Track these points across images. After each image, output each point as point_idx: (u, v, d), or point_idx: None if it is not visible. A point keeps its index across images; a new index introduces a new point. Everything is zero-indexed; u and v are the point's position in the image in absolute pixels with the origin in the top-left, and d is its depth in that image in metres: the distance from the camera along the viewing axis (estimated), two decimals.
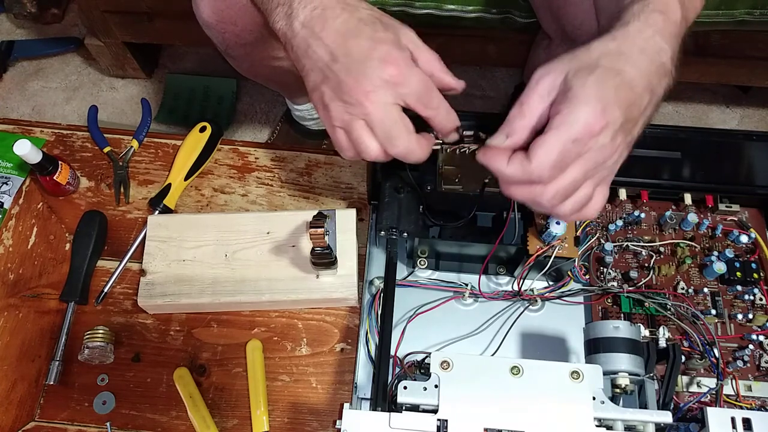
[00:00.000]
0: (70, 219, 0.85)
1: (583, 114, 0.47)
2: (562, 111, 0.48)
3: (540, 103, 0.49)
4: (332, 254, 0.73)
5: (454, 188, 0.69)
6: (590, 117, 0.48)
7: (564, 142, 0.48)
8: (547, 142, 0.48)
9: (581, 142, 0.48)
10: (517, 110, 0.50)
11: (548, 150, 0.48)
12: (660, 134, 0.71)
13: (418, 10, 0.91)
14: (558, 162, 0.49)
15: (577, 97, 0.48)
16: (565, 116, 0.48)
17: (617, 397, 0.63)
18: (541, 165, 0.49)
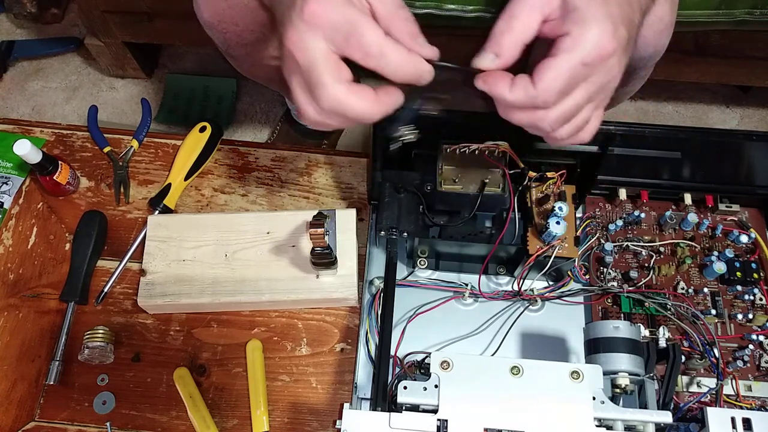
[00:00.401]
0: (70, 219, 0.85)
1: (595, 35, 0.45)
2: (573, 32, 0.45)
3: (531, 16, 0.46)
4: (332, 254, 0.73)
5: (454, 188, 0.69)
6: (603, 38, 0.45)
7: (575, 66, 0.46)
8: (557, 65, 0.45)
9: (592, 65, 0.46)
10: (505, 23, 0.46)
11: (557, 74, 0.46)
12: (660, 134, 0.70)
13: (418, 10, 0.91)
14: (565, 86, 0.46)
15: (587, 17, 0.45)
16: (577, 38, 0.45)
17: (617, 397, 0.63)
18: (548, 90, 0.46)
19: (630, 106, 1.42)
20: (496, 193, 0.70)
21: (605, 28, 0.45)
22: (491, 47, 0.47)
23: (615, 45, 0.46)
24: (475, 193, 0.69)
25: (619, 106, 1.38)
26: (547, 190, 0.72)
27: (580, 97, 0.47)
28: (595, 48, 0.45)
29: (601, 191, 0.82)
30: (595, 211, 0.82)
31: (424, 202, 0.72)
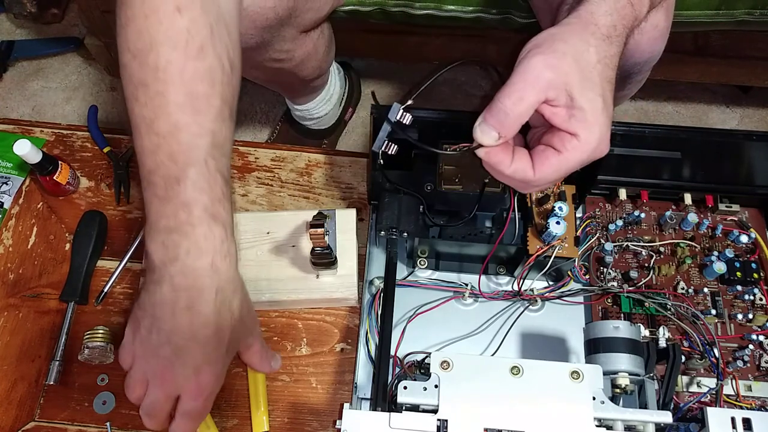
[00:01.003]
0: (70, 219, 0.85)
1: (597, 139, 0.49)
2: (580, 135, 0.49)
3: (536, 97, 0.48)
4: (332, 254, 0.73)
5: (454, 188, 0.69)
6: (603, 143, 0.49)
7: (574, 165, 0.50)
8: (559, 163, 0.49)
9: (587, 161, 0.50)
10: (512, 104, 0.48)
11: (557, 170, 0.50)
12: (660, 134, 0.70)
13: (418, 10, 0.91)
14: (559, 178, 0.51)
15: (592, 121, 0.48)
16: (583, 142, 0.49)
17: (617, 397, 0.63)
18: (543, 179, 0.50)
19: (630, 106, 1.42)
20: (496, 193, 0.70)
21: (606, 134, 0.50)
22: (495, 124, 0.49)
23: (608, 143, 0.50)
24: (475, 193, 0.69)
25: (619, 106, 1.38)
26: (547, 190, 0.72)
27: (566, 174, 0.52)
28: (596, 151, 0.50)
29: (601, 191, 0.82)
30: (595, 211, 0.82)
31: (424, 202, 0.72)
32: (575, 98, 0.48)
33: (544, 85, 0.48)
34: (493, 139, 0.50)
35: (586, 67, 0.49)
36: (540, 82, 0.48)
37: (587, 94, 0.48)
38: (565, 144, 0.49)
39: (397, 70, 1.40)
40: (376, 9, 0.91)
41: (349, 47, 1.07)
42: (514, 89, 0.48)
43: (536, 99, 0.48)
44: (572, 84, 0.48)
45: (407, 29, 1.06)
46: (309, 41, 0.86)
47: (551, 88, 0.48)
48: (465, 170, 0.70)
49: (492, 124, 0.49)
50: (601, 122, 0.49)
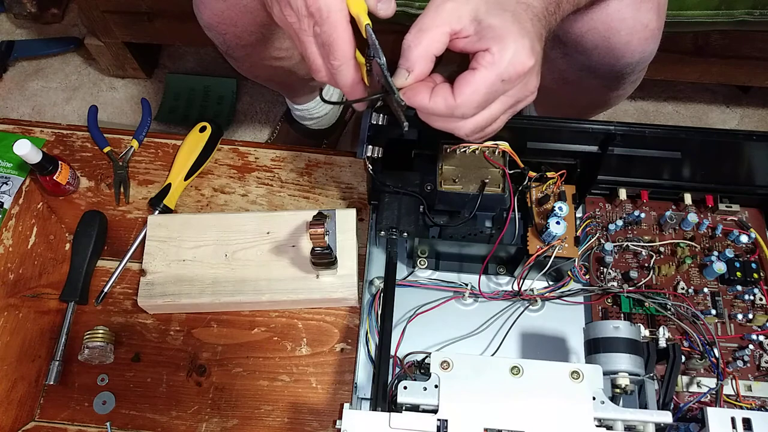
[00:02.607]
0: (70, 219, 0.85)
1: (513, 52, 0.46)
2: (492, 48, 0.46)
3: (439, 30, 0.47)
4: (332, 254, 0.73)
5: (454, 188, 0.69)
6: (522, 55, 0.47)
7: (493, 82, 0.47)
8: (476, 80, 0.47)
9: (510, 81, 0.47)
10: (414, 38, 0.48)
11: (476, 89, 0.47)
12: (660, 134, 0.70)
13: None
14: (484, 101, 0.48)
15: (505, 35, 0.46)
16: (496, 54, 0.46)
17: (617, 397, 0.63)
18: (466, 103, 0.48)
19: (630, 106, 1.42)
20: (496, 193, 0.69)
21: (524, 44, 0.47)
22: (403, 63, 0.48)
23: (533, 61, 0.47)
24: (475, 193, 0.69)
25: (619, 106, 1.38)
26: (547, 190, 0.72)
27: (496, 109, 0.49)
28: (515, 64, 0.47)
29: (601, 191, 0.82)
30: (595, 211, 0.82)
31: (424, 202, 0.72)
32: (482, 20, 0.47)
33: (446, 16, 0.47)
34: (403, 78, 0.49)
35: None
36: (441, 13, 0.47)
37: (495, 12, 0.47)
38: (480, 61, 0.47)
39: None
40: None
41: None
42: (416, 23, 0.48)
43: (439, 30, 0.47)
44: (478, 9, 0.47)
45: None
46: None
47: (454, 18, 0.47)
48: (465, 170, 0.70)
49: (400, 63, 0.48)
50: (514, 33, 0.47)
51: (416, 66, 0.48)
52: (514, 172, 0.70)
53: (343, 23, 0.48)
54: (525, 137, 0.71)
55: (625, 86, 0.86)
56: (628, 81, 0.84)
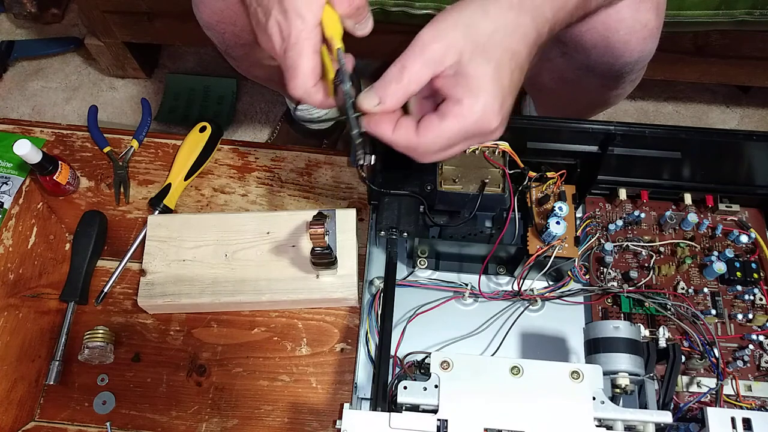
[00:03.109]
0: (70, 219, 0.85)
1: (482, 112, 0.47)
2: (462, 101, 0.47)
3: (423, 71, 0.47)
4: (332, 254, 0.73)
5: (454, 188, 0.69)
6: (489, 113, 0.47)
7: (456, 133, 0.48)
8: (441, 129, 0.48)
9: (473, 137, 0.48)
10: (397, 72, 0.48)
11: (439, 135, 0.48)
12: (660, 134, 0.70)
13: (418, 10, 0.91)
14: (444, 146, 0.49)
15: (477, 87, 0.47)
16: (465, 108, 0.47)
17: (617, 397, 0.63)
18: (427, 145, 0.49)
19: (630, 106, 1.42)
20: (496, 193, 0.69)
21: (494, 105, 0.47)
22: (378, 91, 0.49)
23: (499, 121, 0.48)
24: (475, 193, 0.69)
25: (619, 106, 1.38)
26: (547, 190, 0.72)
27: (456, 150, 0.50)
28: (480, 123, 0.47)
29: (601, 191, 0.82)
30: (595, 211, 0.82)
31: (424, 202, 0.72)
32: (463, 65, 0.47)
33: (429, 56, 0.47)
34: (372, 104, 0.49)
35: (479, 35, 0.47)
36: (426, 52, 0.47)
37: (477, 61, 0.47)
38: (448, 109, 0.48)
39: None
40: (376, 9, 0.91)
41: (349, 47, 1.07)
42: (400, 58, 0.48)
43: (421, 70, 0.47)
44: (463, 53, 0.47)
45: (407, 29, 1.06)
46: None
47: (438, 59, 0.47)
48: (465, 170, 0.70)
49: (375, 90, 0.49)
50: (489, 90, 0.47)
51: (390, 101, 0.49)
52: (514, 172, 0.70)
53: (307, 51, 0.50)
54: (525, 137, 0.71)
55: (625, 85, 0.86)
56: (628, 80, 0.84)
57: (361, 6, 0.51)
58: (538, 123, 0.71)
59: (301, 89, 0.51)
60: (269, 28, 0.51)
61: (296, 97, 0.52)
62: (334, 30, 0.51)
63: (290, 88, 0.51)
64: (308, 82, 0.51)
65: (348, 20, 0.52)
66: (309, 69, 0.50)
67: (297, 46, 0.50)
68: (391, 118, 0.50)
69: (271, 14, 0.50)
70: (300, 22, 0.49)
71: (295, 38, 0.50)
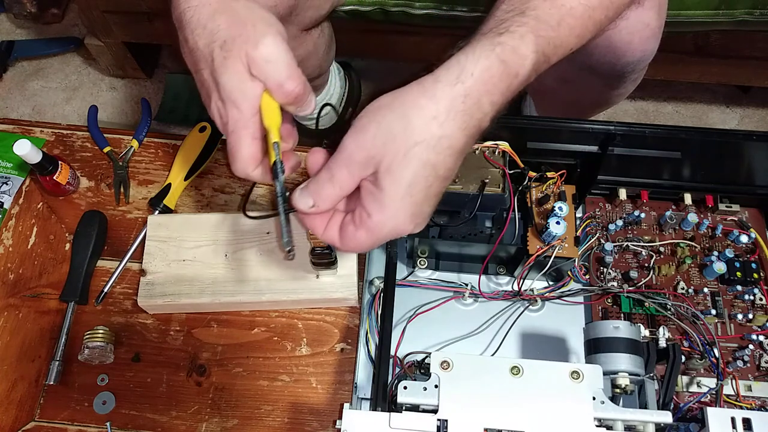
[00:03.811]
0: (70, 219, 0.85)
1: (391, 223, 0.49)
2: (372, 216, 0.49)
3: (350, 177, 0.49)
4: (332, 254, 0.73)
5: (454, 188, 0.69)
6: (400, 224, 0.50)
7: (372, 241, 0.51)
8: (356, 238, 0.51)
9: (387, 237, 0.51)
10: (327, 177, 0.50)
11: (357, 244, 0.51)
12: (660, 134, 0.70)
13: (418, 10, 0.91)
14: (368, 247, 0.52)
15: (387, 204, 0.48)
16: (375, 223, 0.49)
17: (617, 397, 0.63)
18: (348, 249, 0.53)
19: (630, 106, 1.42)
20: (496, 193, 0.70)
21: (403, 218, 0.49)
22: (312, 194, 0.51)
23: (412, 227, 0.50)
24: (475, 193, 0.69)
25: (619, 106, 1.38)
26: (547, 190, 0.72)
27: (377, 245, 0.52)
28: (391, 232, 0.50)
29: (601, 191, 0.82)
30: (595, 211, 0.82)
31: None
32: (379, 178, 0.48)
33: (354, 165, 0.49)
34: (307, 206, 0.51)
35: (401, 147, 0.47)
36: (351, 161, 0.49)
37: (393, 176, 0.48)
38: (362, 221, 0.50)
39: (397, 70, 1.40)
40: (376, 9, 0.91)
41: (349, 47, 1.07)
42: (329, 165, 0.50)
43: (349, 177, 0.49)
44: (380, 164, 0.48)
45: (407, 29, 1.06)
46: (309, 40, 0.86)
47: (362, 166, 0.49)
48: (465, 170, 0.70)
49: (310, 192, 0.51)
50: (397, 207, 0.48)
51: (323, 204, 0.51)
52: (514, 172, 0.70)
53: (245, 140, 0.51)
54: (525, 137, 0.71)
55: (626, 85, 0.86)
56: (629, 80, 0.84)
57: (299, 94, 0.52)
58: (538, 123, 0.71)
59: (241, 172, 0.53)
60: (211, 110, 0.52)
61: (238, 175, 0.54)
62: (272, 121, 0.52)
63: (233, 168, 0.53)
64: (248, 167, 0.53)
65: (290, 107, 0.53)
66: (247, 156, 0.52)
67: (234, 134, 0.51)
68: (324, 217, 0.53)
69: (212, 98, 0.51)
70: (236, 112, 0.50)
71: (233, 127, 0.51)
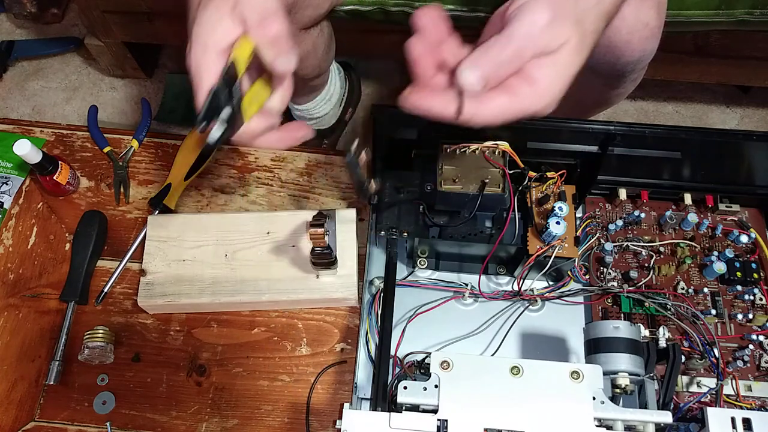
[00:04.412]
0: (70, 219, 0.85)
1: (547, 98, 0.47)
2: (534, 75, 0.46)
3: (529, 53, 0.46)
4: (332, 254, 0.73)
5: (454, 188, 0.69)
6: None
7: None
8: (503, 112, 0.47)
9: None
10: (503, 45, 0.46)
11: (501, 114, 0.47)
12: (660, 134, 0.70)
13: None
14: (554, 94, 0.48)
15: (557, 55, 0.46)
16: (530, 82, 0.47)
17: (617, 397, 0.63)
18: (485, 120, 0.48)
19: (630, 106, 1.42)
20: (496, 193, 0.70)
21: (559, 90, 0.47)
22: (483, 67, 0.46)
23: None
24: (475, 193, 0.69)
25: (619, 106, 1.38)
26: (547, 190, 0.72)
27: None
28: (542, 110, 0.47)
29: (601, 191, 0.82)
30: (595, 211, 0.82)
31: (424, 202, 0.72)
32: (559, 54, 0.46)
33: (540, 44, 0.46)
34: (476, 82, 0.46)
35: (584, 34, 0.47)
36: (537, 41, 0.46)
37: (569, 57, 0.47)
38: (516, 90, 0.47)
39: (397, 70, 1.40)
40: (376, 8, 0.91)
41: (349, 47, 1.07)
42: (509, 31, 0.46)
43: (526, 55, 0.46)
44: (566, 46, 0.46)
45: (407, 29, 1.06)
46: (309, 39, 0.86)
47: (545, 45, 0.46)
48: (465, 170, 0.70)
49: (479, 63, 0.46)
50: None
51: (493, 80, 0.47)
52: (514, 172, 0.70)
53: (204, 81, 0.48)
54: (525, 137, 0.71)
55: (626, 84, 0.86)
56: (629, 79, 0.84)
57: (277, 36, 0.49)
58: (538, 123, 0.71)
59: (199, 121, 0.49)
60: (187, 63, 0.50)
61: None
62: (240, 55, 0.49)
63: None
64: None
65: (267, 51, 0.49)
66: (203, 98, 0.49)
67: (196, 76, 0.49)
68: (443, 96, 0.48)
69: (187, 47, 0.49)
70: (200, 50, 0.48)
71: (195, 66, 0.49)
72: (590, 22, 0.48)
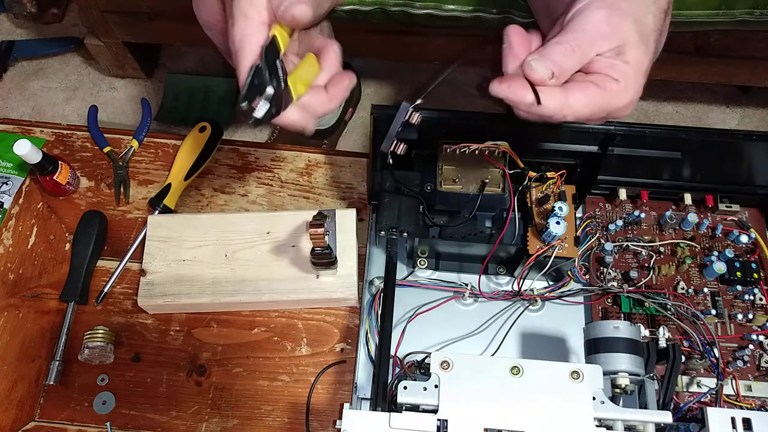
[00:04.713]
0: (70, 219, 0.85)
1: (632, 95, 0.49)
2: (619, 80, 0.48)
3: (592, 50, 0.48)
4: (332, 254, 0.73)
5: (454, 188, 0.69)
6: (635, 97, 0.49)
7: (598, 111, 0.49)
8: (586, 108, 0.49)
9: None
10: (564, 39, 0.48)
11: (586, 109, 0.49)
12: (660, 134, 0.70)
13: (418, 10, 0.91)
14: None
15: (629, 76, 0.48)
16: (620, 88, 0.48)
17: (617, 397, 0.63)
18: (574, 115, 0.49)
19: None
20: (496, 193, 0.70)
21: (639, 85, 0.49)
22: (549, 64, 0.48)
23: None
24: (475, 193, 0.69)
25: None
26: (547, 190, 0.72)
27: None
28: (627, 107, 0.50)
29: (601, 191, 0.82)
30: (595, 211, 0.82)
31: (424, 202, 0.72)
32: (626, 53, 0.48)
33: (600, 41, 0.48)
34: (546, 73, 0.48)
35: (644, 31, 0.49)
36: (597, 38, 0.48)
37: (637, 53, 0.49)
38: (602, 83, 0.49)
39: (397, 70, 1.40)
40: (376, 8, 0.91)
41: (349, 47, 1.07)
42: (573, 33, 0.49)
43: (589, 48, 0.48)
44: (629, 44, 0.48)
45: (407, 29, 1.07)
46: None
47: (605, 42, 0.48)
48: (465, 170, 0.70)
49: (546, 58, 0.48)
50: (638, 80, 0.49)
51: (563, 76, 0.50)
52: (514, 172, 0.70)
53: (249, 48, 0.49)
54: (525, 137, 0.71)
55: None
56: None
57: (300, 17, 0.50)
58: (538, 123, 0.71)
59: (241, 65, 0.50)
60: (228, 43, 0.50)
61: None
62: (281, 30, 0.50)
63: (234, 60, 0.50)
64: None
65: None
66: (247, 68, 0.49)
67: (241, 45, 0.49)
68: None
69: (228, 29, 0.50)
70: (243, 21, 0.49)
71: (239, 36, 0.49)
72: (649, 20, 0.50)
